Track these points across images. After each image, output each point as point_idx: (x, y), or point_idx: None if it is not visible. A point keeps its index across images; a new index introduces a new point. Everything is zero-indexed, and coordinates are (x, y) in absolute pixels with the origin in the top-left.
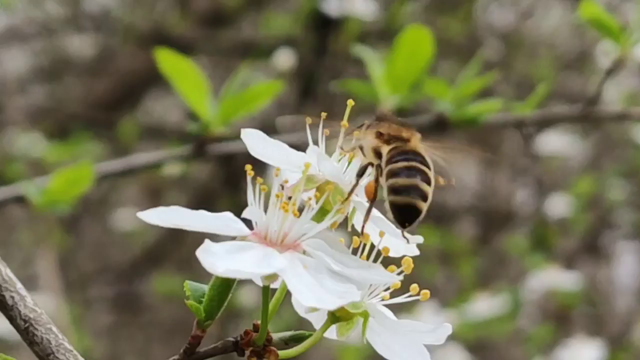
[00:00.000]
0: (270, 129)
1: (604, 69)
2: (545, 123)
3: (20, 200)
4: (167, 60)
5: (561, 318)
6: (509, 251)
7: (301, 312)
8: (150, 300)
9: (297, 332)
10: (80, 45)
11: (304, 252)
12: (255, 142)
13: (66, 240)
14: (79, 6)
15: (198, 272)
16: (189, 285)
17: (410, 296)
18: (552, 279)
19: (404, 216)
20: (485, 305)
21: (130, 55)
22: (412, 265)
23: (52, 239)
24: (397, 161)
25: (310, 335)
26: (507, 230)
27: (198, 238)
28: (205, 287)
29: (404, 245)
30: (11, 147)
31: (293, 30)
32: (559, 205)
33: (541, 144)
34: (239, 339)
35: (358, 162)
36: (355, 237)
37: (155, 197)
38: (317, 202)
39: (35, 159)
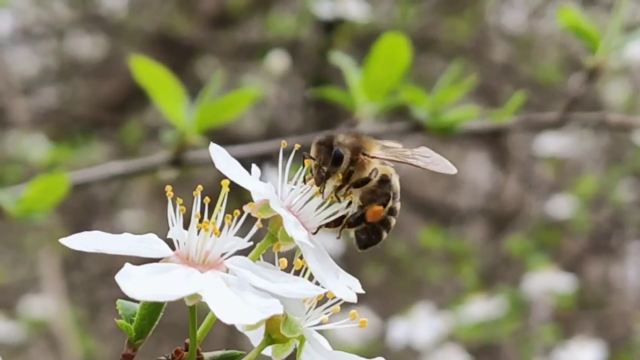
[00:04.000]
0: (277, 129)
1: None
2: (527, 128)
3: None
4: (143, 69)
5: (567, 319)
6: (513, 252)
7: (239, 328)
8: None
9: (228, 351)
10: (89, 46)
11: (228, 270)
12: (221, 158)
13: None
14: (87, 8)
15: None
16: (121, 304)
17: (348, 322)
18: (548, 280)
19: (373, 243)
20: (481, 307)
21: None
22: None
23: (56, 242)
24: (396, 201)
25: (242, 354)
26: (515, 231)
27: None
28: (137, 306)
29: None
30: (14, 149)
31: (298, 32)
32: (566, 206)
33: (545, 145)
34: (170, 357)
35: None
36: (297, 260)
37: (164, 198)
38: (237, 220)
39: (35, 161)
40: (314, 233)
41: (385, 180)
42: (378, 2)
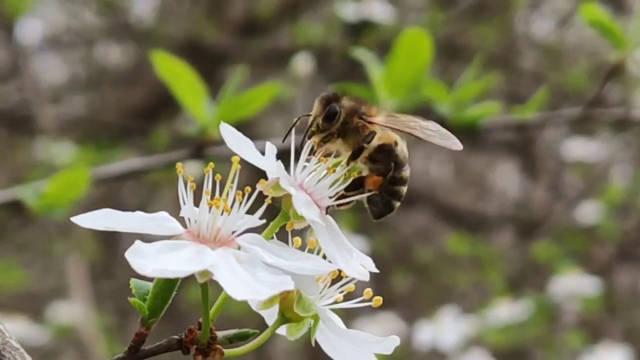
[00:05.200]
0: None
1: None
2: (550, 124)
3: (16, 205)
4: (165, 65)
5: (594, 324)
6: (540, 258)
7: (254, 307)
8: (186, 308)
9: (242, 330)
10: (117, 54)
11: (239, 248)
12: (232, 138)
13: (98, 250)
14: (116, 16)
15: None
16: (134, 282)
17: (362, 301)
18: (574, 284)
19: (385, 213)
20: (507, 311)
21: None
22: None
23: (84, 249)
24: (401, 170)
25: (255, 333)
26: (543, 238)
27: None
28: (150, 285)
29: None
30: (42, 156)
31: (326, 39)
32: (594, 213)
33: (573, 150)
34: (183, 336)
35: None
36: (310, 239)
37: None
38: (248, 198)
39: (60, 165)
40: (327, 211)
41: (387, 149)
42: (407, 9)
